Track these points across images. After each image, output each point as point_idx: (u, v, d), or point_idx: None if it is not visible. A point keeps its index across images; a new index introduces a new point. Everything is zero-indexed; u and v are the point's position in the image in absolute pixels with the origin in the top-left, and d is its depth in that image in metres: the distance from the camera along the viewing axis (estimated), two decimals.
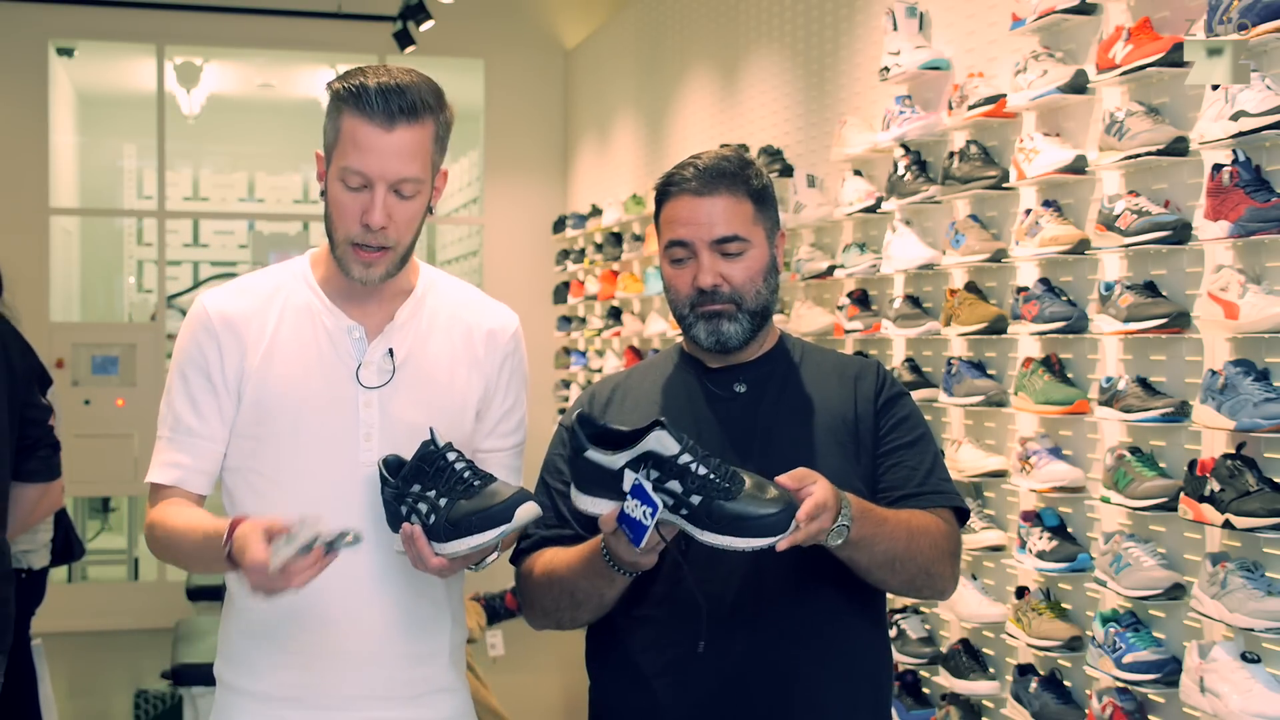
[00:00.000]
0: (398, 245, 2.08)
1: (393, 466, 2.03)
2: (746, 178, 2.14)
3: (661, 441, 1.86)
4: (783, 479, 1.86)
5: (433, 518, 1.94)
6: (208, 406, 2.13)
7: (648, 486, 1.84)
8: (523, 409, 2.27)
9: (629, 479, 1.86)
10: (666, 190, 2.17)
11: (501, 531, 1.92)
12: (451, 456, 1.97)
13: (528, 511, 1.92)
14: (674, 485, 1.84)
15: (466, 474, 1.95)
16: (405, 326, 2.15)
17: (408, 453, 2.02)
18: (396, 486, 1.99)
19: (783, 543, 1.82)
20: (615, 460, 1.88)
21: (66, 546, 4.29)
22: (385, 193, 2.03)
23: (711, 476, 1.84)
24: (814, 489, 1.86)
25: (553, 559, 2.14)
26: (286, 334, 2.12)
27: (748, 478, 1.86)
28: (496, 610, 4.90)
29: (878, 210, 4.47)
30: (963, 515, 2.19)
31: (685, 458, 1.85)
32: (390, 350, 2.13)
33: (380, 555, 2.11)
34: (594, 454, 1.90)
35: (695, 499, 1.83)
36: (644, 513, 1.84)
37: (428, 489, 1.95)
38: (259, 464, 2.12)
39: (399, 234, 2.07)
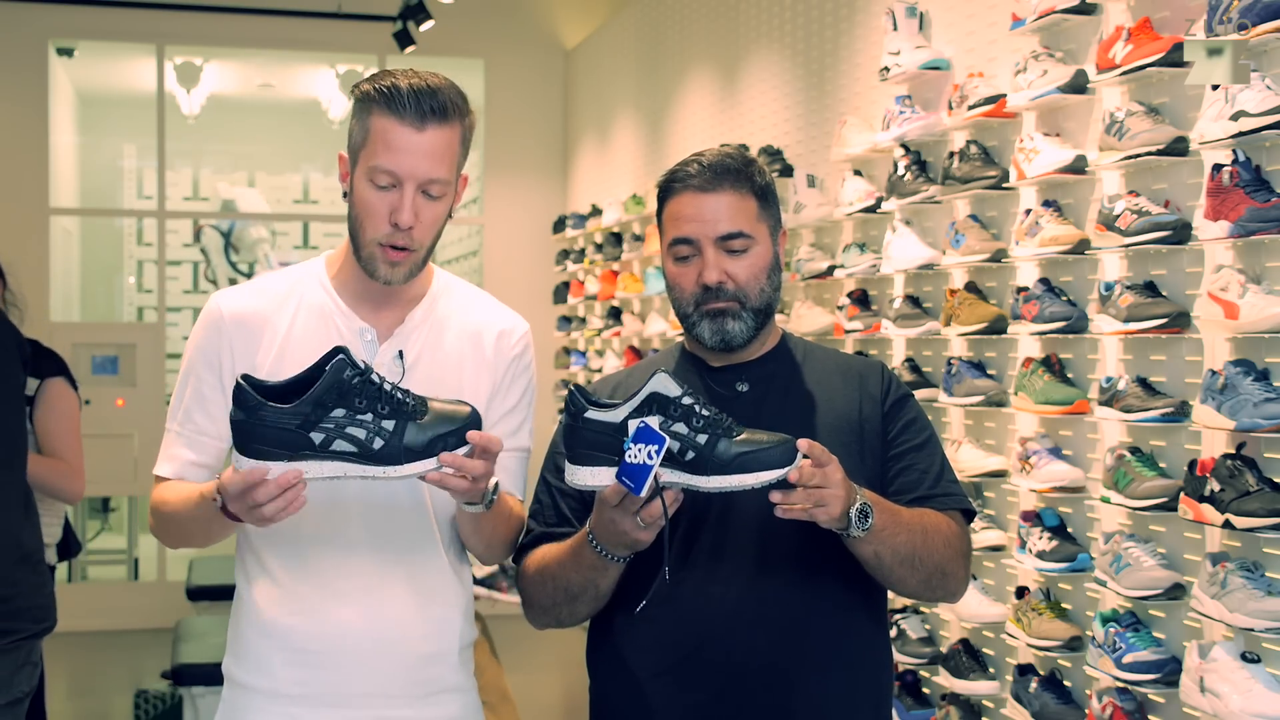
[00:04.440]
0: (421, 247, 2.09)
1: (272, 389, 1.86)
2: (750, 175, 2.14)
3: (664, 384, 1.88)
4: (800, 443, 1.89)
5: (378, 441, 1.84)
6: (216, 405, 2.14)
7: (654, 423, 1.85)
8: (525, 413, 2.24)
9: (632, 426, 1.86)
10: (670, 187, 2.16)
11: (469, 449, 1.88)
12: (377, 378, 1.87)
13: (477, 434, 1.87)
14: (680, 427, 1.86)
15: (397, 394, 1.87)
16: (417, 329, 2.16)
17: None
18: (304, 411, 1.82)
19: (792, 474, 1.85)
20: (617, 414, 1.88)
21: (64, 543, 4.29)
22: (414, 193, 2.05)
23: (715, 416, 1.88)
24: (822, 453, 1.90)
25: (545, 555, 2.14)
26: (300, 334, 2.13)
27: (745, 428, 1.89)
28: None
29: (878, 210, 4.47)
30: (969, 517, 2.20)
31: (688, 399, 1.88)
32: (400, 353, 2.13)
33: (396, 554, 2.12)
34: (595, 413, 1.90)
35: (701, 438, 1.86)
36: (649, 453, 1.84)
37: (359, 412, 1.84)
38: None
39: (423, 235, 2.08)
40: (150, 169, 9.11)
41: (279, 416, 1.82)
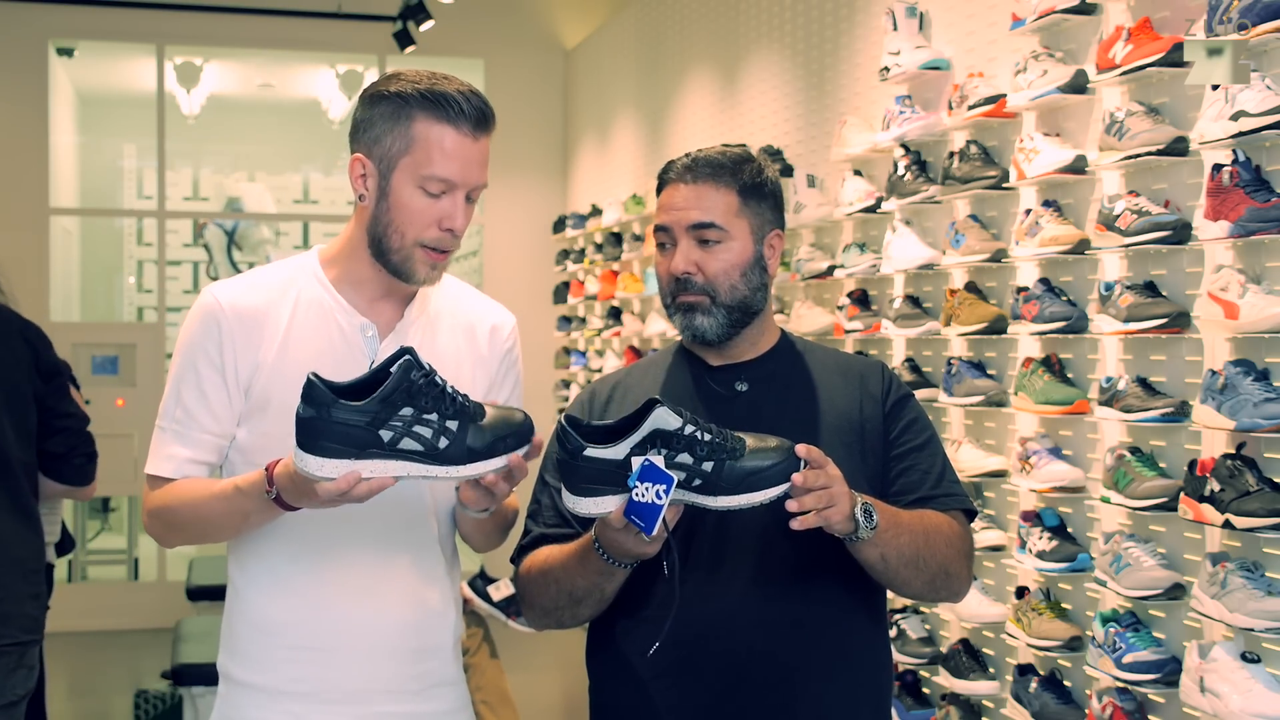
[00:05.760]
0: (457, 248, 2.12)
1: (345, 388, 1.85)
2: (738, 171, 2.15)
3: (664, 418, 1.86)
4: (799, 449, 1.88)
5: (443, 441, 1.86)
6: (218, 401, 2.10)
7: (660, 463, 1.84)
8: (516, 405, 2.25)
9: (636, 464, 1.85)
10: (662, 179, 2.20)
11: (526, 450, 1.93)
12: (440, 380, 1.89)
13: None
14: (684, 458, 1.85)
15: (459, 397, 1.90)
16: (415, 325, 2.17)
17: None
18: (373, 409, 1.82)
19: (796, 478, 1.84)
20: (619, 450, 1.87)
21: (59, 540, 4.29)
22: (463, 198, 2.07)
23: (717, 440, 1.86)
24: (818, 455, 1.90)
25: (547, 557, 2.14)
26: (300, 330, 2.11)
27: (745, 436, 1.89)
28: (489, 596, 4.84)
29: (878, 210, 4.47)
30: (970, 516, 2.20)
31: (689, 429, 1.86)
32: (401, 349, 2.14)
33: (393, 550, 2.13)
34: (595, 450, 1.88)
35: (707, 465, 1.85)
36: (656, 492, 1.83)
37: (425, 412, 1.85)
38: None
39: (462, 236, 2.10)
40: (150, 169, 9.10)
41: (349, 414, 1.82)
